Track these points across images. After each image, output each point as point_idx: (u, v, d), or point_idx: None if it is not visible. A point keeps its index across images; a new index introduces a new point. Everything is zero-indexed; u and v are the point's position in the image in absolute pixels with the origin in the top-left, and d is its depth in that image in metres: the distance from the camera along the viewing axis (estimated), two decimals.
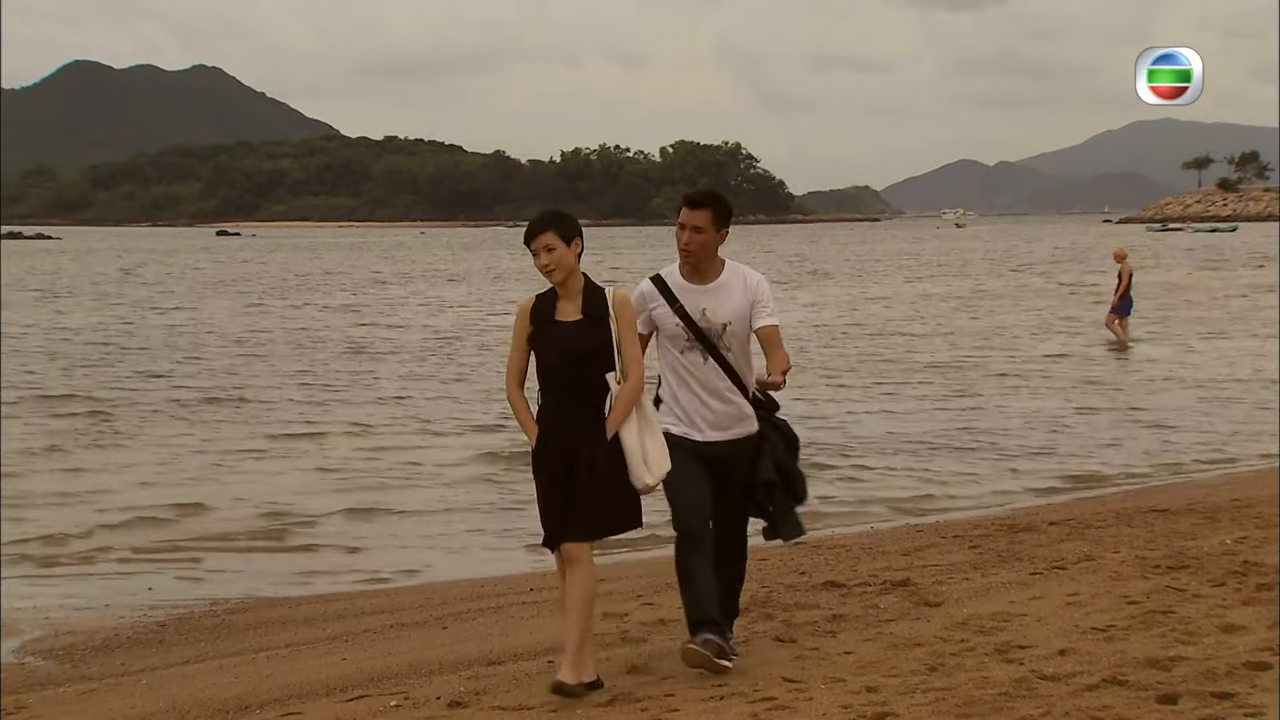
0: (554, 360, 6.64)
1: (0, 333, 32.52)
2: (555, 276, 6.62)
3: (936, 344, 30.02)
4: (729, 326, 6.96)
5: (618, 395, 6.64)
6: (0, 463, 15.15)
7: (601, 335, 6.63)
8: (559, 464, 6.60)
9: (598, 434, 6.59)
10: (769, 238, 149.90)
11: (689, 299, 6.99)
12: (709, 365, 6.98)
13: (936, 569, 9.39)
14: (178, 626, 9.61)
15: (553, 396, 6.69)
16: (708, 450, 6.97)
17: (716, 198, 7.13)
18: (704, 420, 7.01)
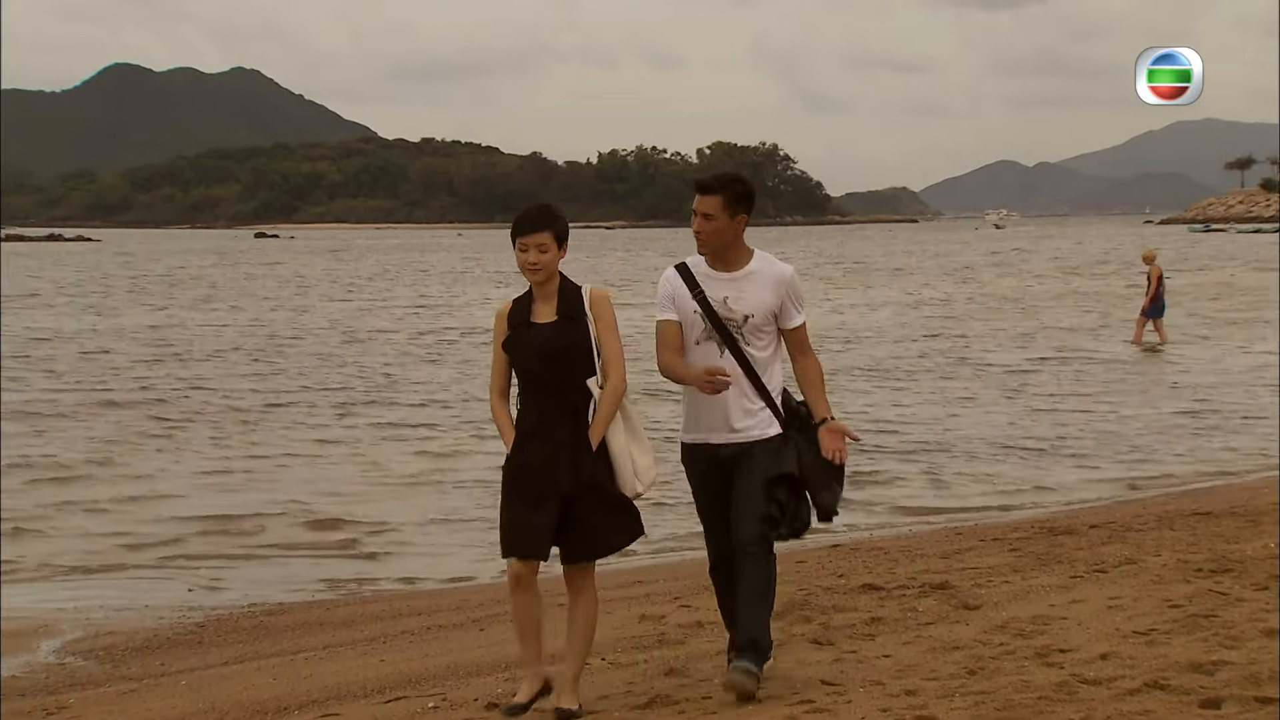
0: (530, 363, 6.35)
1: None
2: (537, 277, 6.36)
3: (989, 344, 29.90)
4: (750, 319, 6.50)
5: (600, 399, 6.34)
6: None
7: (577, 334, 6.33)
8: (542, 477, 6.26)
9: (580, 443, 6.29)
10: (807, 238, 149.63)
11: (711, 286, 6.55)
12: (726, 360, 6.48)
13: (975, 572, 9.33)
14: (216, 628, 9.65)
15: (532, 402, 6.40)
16: (725, 452, 6.54)
17: (729, 182, 6.63)
18: (714, 419, 6.54)
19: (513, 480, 6.36)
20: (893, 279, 61.66)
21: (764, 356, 6.59)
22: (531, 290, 6.46)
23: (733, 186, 6.59)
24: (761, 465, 6.49)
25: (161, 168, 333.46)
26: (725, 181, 6.62)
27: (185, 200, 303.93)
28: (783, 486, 6.50)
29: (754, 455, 6.50)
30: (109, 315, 41.93)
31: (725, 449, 6.55)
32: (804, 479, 6.53)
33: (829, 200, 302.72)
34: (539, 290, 6.43)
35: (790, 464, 6.50)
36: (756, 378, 6.55)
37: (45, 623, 9.73)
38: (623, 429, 6.39)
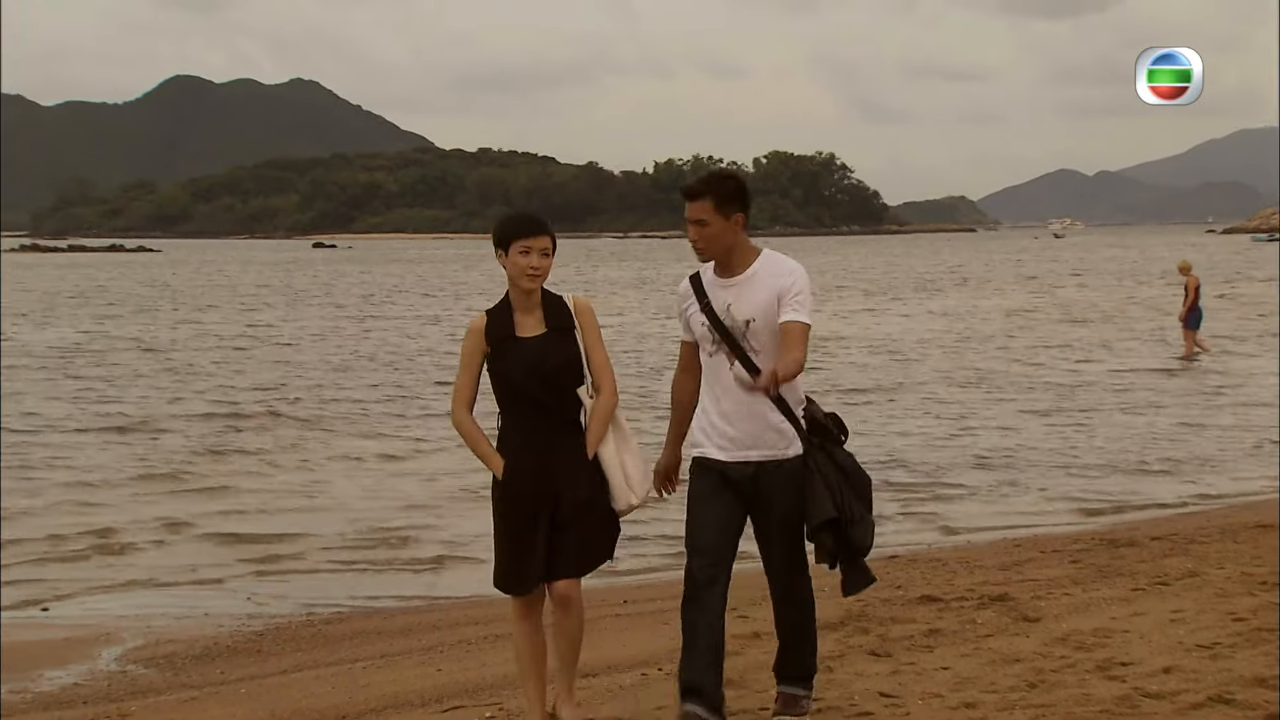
0: (520, 381, 5.96)
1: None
2: (535, 284, 5.98)
3: (1051, 355, 29.72)
4: (752, 324, 5.98)
5: (593, 410, 6.06)
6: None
7: (571, 348, 6.03)
8: (537, 499, 5.96)
9: (578, 457, 6.02)
10: (862, 248, 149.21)
11: (716, 295, 6.10)
12: (736, 372, 6.01)
13: (1035, 584, 9.26)
14: (275, 636, 9.69)
15: (518, 421, 6.03)
16: (734, 472, 6.02)
17: (715, 181, 6.11)
18: (724, 436, 6.04)
19: (503, 506, 6.06)
20: (952, 288, 61.34)
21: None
22: (509, 301, 6.09)
23: (721, 185, 6.10)
24: (788, 505, 5.98)
25: (221, 178, 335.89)
26: (712, 182, 6.12)
27: (244, 210, 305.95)
28: (828, 533, 5.95)
29: (776, 497, 5.98)
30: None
31: (735, 468, 6.04)
32: (840, 514, 5.94)
33: (886, 209, 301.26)
34: (521, 301, 6.06)
35: (827, 506, 5.91)
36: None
37: (107, 631, 9.81)
38: (613, 440, 6.12)
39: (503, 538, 6.07)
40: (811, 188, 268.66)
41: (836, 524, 5.92)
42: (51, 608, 10.58)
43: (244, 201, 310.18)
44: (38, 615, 10.35)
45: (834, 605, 8.82)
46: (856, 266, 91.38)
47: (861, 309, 46.98)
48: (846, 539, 5.97)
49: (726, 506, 6.05)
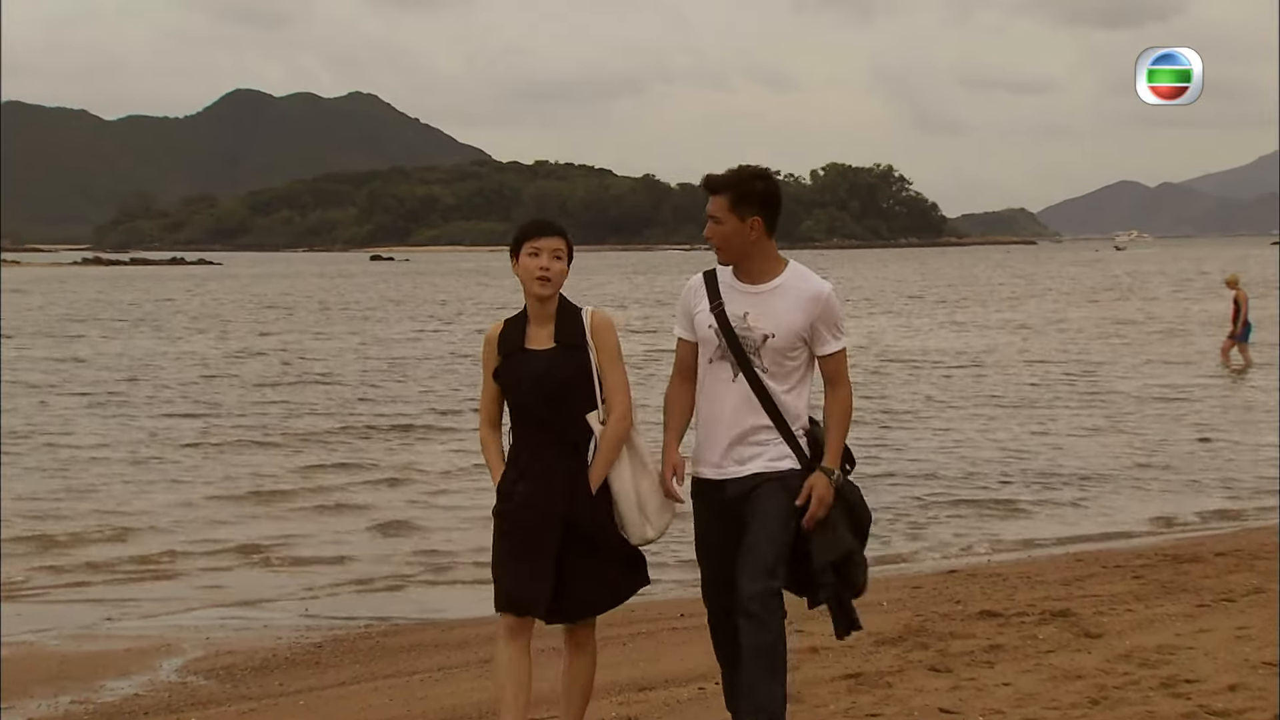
0: (525, 396, 5.69)
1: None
2: (546, 289, 5.68)
3: (1115, 370, 29.49)
4: (770, 340, 5.59)
5: (603, 435, 5.68)
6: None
7: (578, 364, 5.67)
8: (540, 521, 5.64)
9: (579, 486, 5.65)
10: (922, 260, 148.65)
11: (733, 300, 5.68)
12: (738, 384, 5.64)
13: (1097, 599, 9.18)
14: (333, 648, 9.71)
15: (527, 438, 5.75)
16: (731, 489, 5.66)
17: (737, 179, 5.70)
18: (718, 451, 5.68)
19: (505, 525, 5.73)
20: (1010, 302, 60.99)
21: (786, 385, 5.69)
22: (526, 311, 5.81)
23: (741, 185, 5.68)
24: (770, 515, 5.57)
25: (279, 192, 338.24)
26: (732, 179, 5.70)
27: (303, 224, 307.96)
28: (830, 571, 5.62)
29: (763, 499, 5.59)
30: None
31: (730, 486, 5.67)
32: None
33: (944, 222, 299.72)
34: (537, 310, 5.76)
35: (845, 540, 5.62)
36: (774, 409, 5.65)
37: (168, 642, 9.87)
38: (628, 466, 5.71)
39: (503, 556, 5.72)
40: (869, 200, 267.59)
41: (847, 560, 5.59)
42: (112, 617, 10.66)
43: (302, 215, 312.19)
44: (100, 626, 10.42)
45: (892, 620, 8.79)
46: (920, 278, 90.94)
47: (931, 321, 46.74)
48: (848, 576, 5.64)
49: (729, 533, 5.68)
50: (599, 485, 5.68)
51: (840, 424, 5.67)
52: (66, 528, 13.80)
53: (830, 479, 5.57)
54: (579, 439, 5.70)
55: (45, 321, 50.60)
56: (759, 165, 5.77)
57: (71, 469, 17.46)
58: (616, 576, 5.77)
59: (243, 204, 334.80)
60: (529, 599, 5.63)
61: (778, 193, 5.76)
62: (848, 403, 5.70)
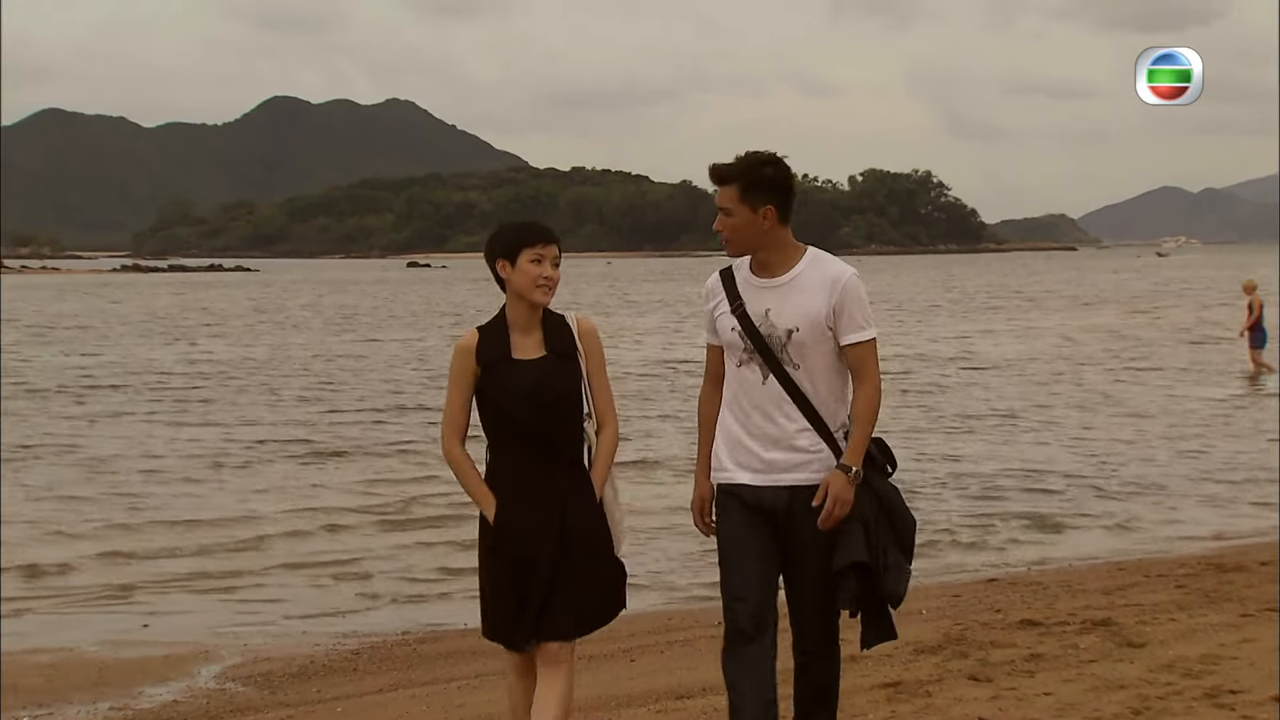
0: (515, 409, 5.30)
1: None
2: (547, 297, 5.40)
3: (1155, 376, 29.32)
4: (795, 334, 5.24)
5: (598, 447, 5.43)
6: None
7: (572, 375, 5.37)
8: (537, 545, 5.30)
9: (582, 498, 5.37)
10: (958, 267, 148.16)
11: (753, 297, 5.34)
12: (769, 386, 5.28)
13: (1139, 608, 9.10)
14: (370, 655, 9.72)
15: (512, 456, 5.36)
16: (768, 499, 5.28)
17: (746, 167, 5.33)
18: (754, 457, 5.30)
19: (498, 551, 5.38)
20: (1051, 308, 60.75)
21: (820, 382, 5.31)
22: (504, 318, 5.46)
23: (750, 172, 5.31)
24: (824, 542, 5.20)
25: (317, 198, 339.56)
26: (741, 167, 5.33)
27: (340, 230, 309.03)
28: (851, 576, 5.22)
29: (813, 525, 5.20)
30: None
31: (769, 494, 5.29)
32: (871, 555, 5.20)
33: (984, 228, 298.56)
34: (521, 319, 5.42)
35: (855, 551, 5.17)
36: (810, 409, 5.28)
37: (206, 648, 9.90)
38: (613, 479, 5.55)
39: (497, 586, 5.41)
40: (908, 206, 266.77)
41: (865, 569, 5.18)
42: (151, 624, 10.69)
43: (340, 221, 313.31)
44: (138, 632, 10.45)
45: (931, 628, 8.74)
46: (967, 282, 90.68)
47: (974, 328, 46.59)
48: (874, 586, 5.22)
49: (763, 541, 5.31)
50: (600, 494, 5.43)
51: (865, 419, 5.25)
52: (110, 533, 13.89)
53: (849, 477, 5.17)
54: (575, 451, 5.41)
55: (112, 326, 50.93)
56: (768, 151, 5.37)
57: (119, 477, 17.58)
58: (609, 596, 5.49)
59: (280, 211, 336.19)
60: (525, 633, 5.39)
61: (790, 178, 5.43)
62: (875, 397, 5.29)
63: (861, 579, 5.18)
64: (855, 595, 5.20)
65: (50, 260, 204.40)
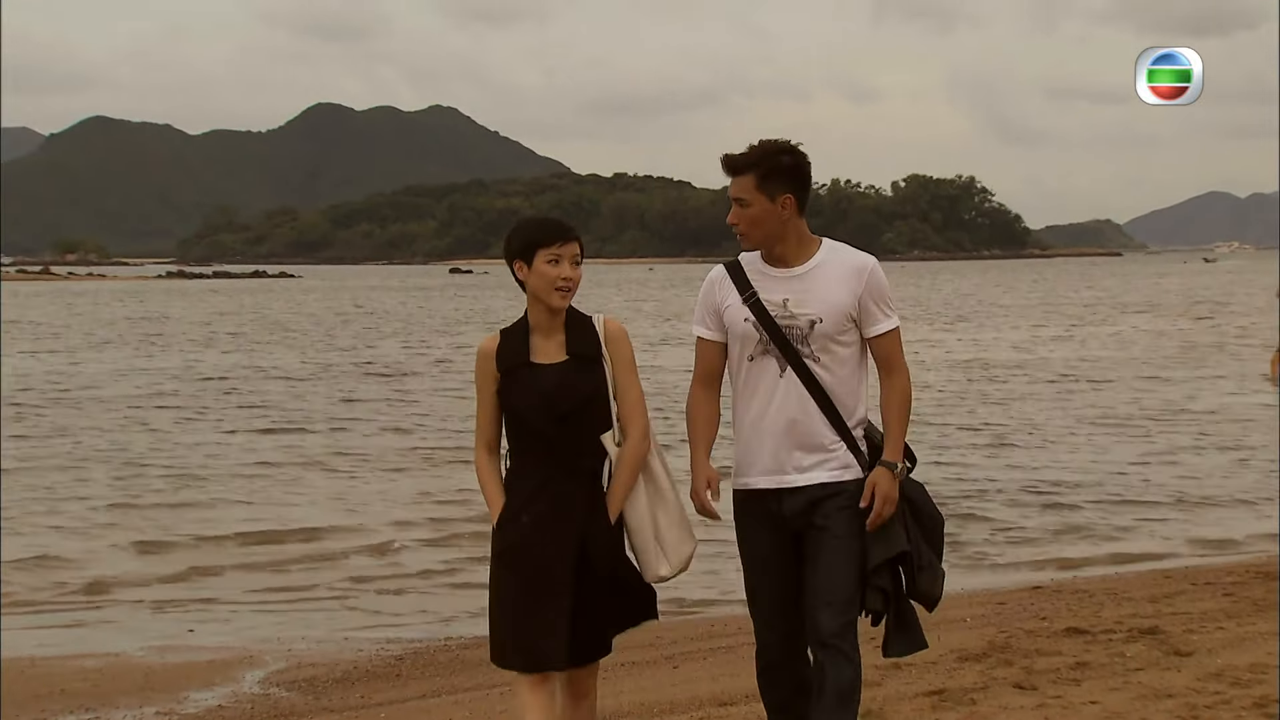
0: (534, 416, 5.02)
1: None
2: (566, 300, 5.08)
3: (1203, 383, 29.10)
4: (818, 325, 5.02)
5: (618, 460, 5.07)
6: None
7: (596, 381, 5.06)
8: (552, 558, 5.00)
9: (598, 516, 5.05)
10: (1003, 273, 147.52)
11: (767, 286, 5.11)
12: (787, 380, 5.05)
13: (1187, 616, 9.02)
14: (414, 660, 9.74)
15: (532, 464, 5.09)
16: (787, 504, 5.06)
17: (762, 155, 5.09)
18: (771, 457, 5.07)
19: (510, 566, 5.06)
20: (1098, 314, 60.42)
21: (840, 375, 5.10)
22: (526, 321, 5.17)
23: (767, 160, 5.08)
24: (846, 537, 4.99)
25: (360, 205, 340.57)
26: (757, 155, 5.09)
27: (383, 236, 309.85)
28: (887, 573, 5.02)
29: (833, 517, 5.00)
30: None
31: (788, 498, 5.06)
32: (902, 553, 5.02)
33: (1028, 233, 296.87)
34: (543, 321, 5.13)
35: (897, 538, 4.99)
36: (829, 404, 5.07)
37: (250, 653, 9.94)
38: (644, 494, 5.11)
39: (507, 603, 5.08)
40: (951, 212, 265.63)
41: (905, 561, 4.99)
42: (196, 629, 10.75)
43: (382, 227, 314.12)
44: (184, 637, 10.51)
45: (976, 636, 8.69)
46: (1025, 289, 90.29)
47: (1027, 333, 46.39)
48: (911, 585, 5.03)
49: (784, 562, 5.11)
50: (617, 515, 5.07)
51: (900, 413, 5.09)
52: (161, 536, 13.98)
53: (894, 474, 4.99)
54: (595, 464, 5.09)
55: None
56: (783, 139, 5.13)
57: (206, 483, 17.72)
58: (620, 612, 5.14)
59: (323, 217, 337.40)
60: (545, 654, 4.99)
61: (807, 166, 5.15)
62: (906, 389, 5.14)
63: (895, 579, 5.00)
64: (888, 594, 4.98)
65: (96, 267, 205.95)
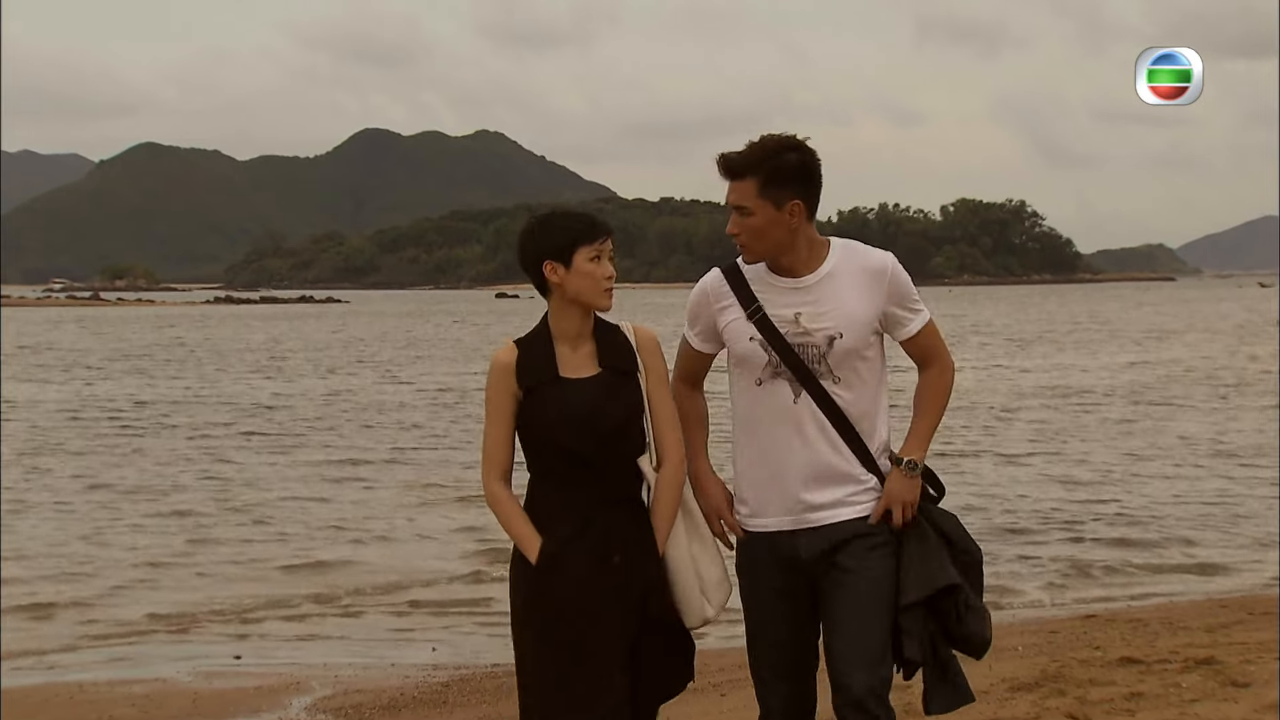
0: (568, 438, 4.36)
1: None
2: (609, 301, 4.50)
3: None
4: (838, 341, 4.41)
5: (658, 486, 4.44)
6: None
7: (634, 396, 4.45)
8: (598, 604, 4.34)
9: (645, 550, 4.41)
10: (1051, 297, 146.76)
11: (774, 298, 4.49)
12: (803, 406, 4.44)
13: (1243, 647, 8.87)
14: (460, 688, 9.69)
15: (564, 495, 4.41)
16: (804, 547, 4.45)
17: (763, 156, 4.44)
18: (785, 495, 4.47)
19: (555, 620, 4.38)
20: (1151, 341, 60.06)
21: (862, 396, 4.50)
22: (547, 330, 4.52)
23: (770, 161, 4.43)
24: (878, 581, 4.41)
25: (406, 230, 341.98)
26: (758, 155, 4.44)
27: (429, 261, 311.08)
28: (918, 612, 4.41)
29: (863, 559, 4.42)
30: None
31: (805, 539, 4.46)
32: (938, 593, 4.43)
33: (1079, 258, 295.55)
34: (569, 329, 4.49)
35: (944, 569, 4.41)
36: (851, 431, 4.47)
37: (297, 680, 9.92)
38: (682, 528, 4.49)
39: (548, 663, 4.39)
40: (1001, 236, 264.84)
41: (952, 594, 4.38)
42: (243, 655, 10.74)
43: (429, 253, 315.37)
44: (230, 663, 10.51)
45: (1028, 665, 8.58)
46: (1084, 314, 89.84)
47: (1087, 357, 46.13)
48: (956, 628, 4.42)
49: (799, 600, 4.52)
50: (664, 548, 4.46)
51: (932, 403, 4.57)
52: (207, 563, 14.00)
53: (911, 475, 4.45)
54: (633, 490, 4.47)
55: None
56: (787, 134, 4.51)
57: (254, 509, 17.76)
58: (670, 667, 4.50)
59: (370, 242, 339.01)
60: (601, 713, 4.34)
61: (817, 164, 4.54)
62: (946, 380, 4.60)
63: (939, 621, 4.41)
64: (924, 640, 4.39)
65: (145, 293, 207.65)
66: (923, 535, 4.44)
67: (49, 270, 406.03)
